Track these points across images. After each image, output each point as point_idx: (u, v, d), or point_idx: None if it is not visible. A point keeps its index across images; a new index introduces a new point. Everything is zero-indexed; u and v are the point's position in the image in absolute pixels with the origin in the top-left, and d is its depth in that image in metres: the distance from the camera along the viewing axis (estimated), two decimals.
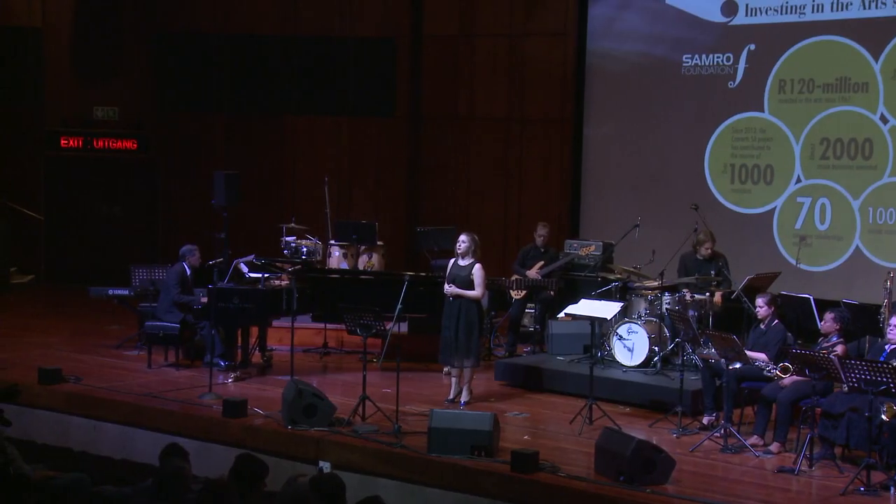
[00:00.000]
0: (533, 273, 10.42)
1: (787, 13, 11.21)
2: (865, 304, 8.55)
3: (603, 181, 12.73)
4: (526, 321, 10.82)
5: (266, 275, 9.49)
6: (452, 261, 8.50)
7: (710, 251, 9.41)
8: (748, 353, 7.53)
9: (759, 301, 7.83)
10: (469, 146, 13.72)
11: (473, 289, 8.35)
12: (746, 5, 11.44)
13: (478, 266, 8.39)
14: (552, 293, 10.35)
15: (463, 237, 8.44)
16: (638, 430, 7.79)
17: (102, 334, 11.03)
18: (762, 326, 7.89)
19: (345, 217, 12.54)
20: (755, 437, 7.49)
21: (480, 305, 8.48)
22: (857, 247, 10.87)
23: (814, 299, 8.81)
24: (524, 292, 10.40)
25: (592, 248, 10.84)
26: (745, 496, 6.39)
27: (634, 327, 9.20)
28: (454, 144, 13.81)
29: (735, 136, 11.71)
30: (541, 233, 10.56)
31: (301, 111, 14.08)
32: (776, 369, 7.42)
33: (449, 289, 8.37)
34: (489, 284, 9.70)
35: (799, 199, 11.28)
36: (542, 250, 10.60)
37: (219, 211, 10.18)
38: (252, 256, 9.80)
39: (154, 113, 14.47)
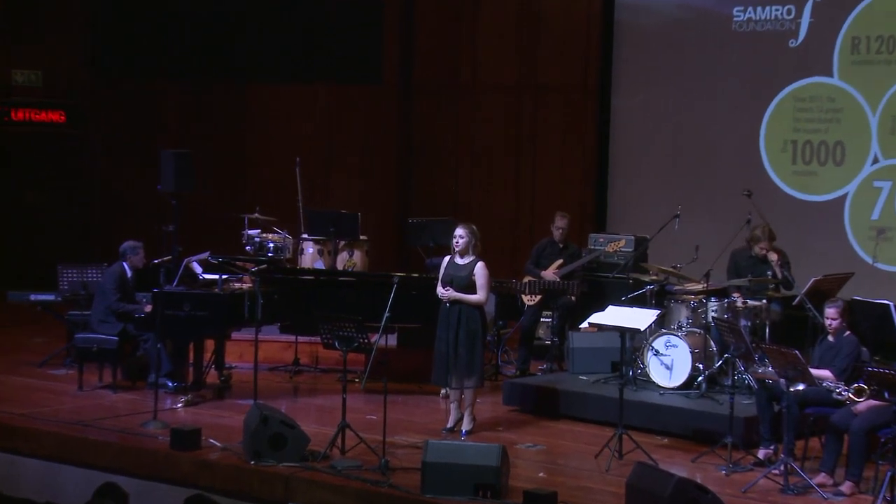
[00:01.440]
0: (549, 274, 10.43)
1: None
2: None
3: (635, 162, 12.73)
4: (541, 332, 10.89)
5: (224, 276, 9.50)
6: (447, 259, 8.55)
7: (764, 251, 9.39)
8: (813, 371, 7.50)
9: (830, 311, 7.80)
10: (471, 120, 13.74)
11: (475, 292, 8.32)
12: None
13: (480, 264, 8.39)
14: (573, 298, 10.39)
15: (460, 231, 8.45)
16: (679, 465, 7.81)
17: (23, 349, 11.05)
18: (831, 339, 7.89)
19: (321, 206, 12.54)
20: (823, 474, 7.47)
21: (483, 312, 8.49)
22: None
23: (894, 306, 8.85)
24: (539, 297, 10.42)
25: (622, 243, 10.90)
26: None
27: (674, 340, 9.20)
28: (454, 118, 13.82)
29: (798, 107, 11.71)
30: (559, 225, 10.58)
31: (268, 77, 14.09)
32: (848, 391, 7.41)
33: (445, 292, 8.37)
34: (496, 288, 9.81)
35: (876, 184, 11.27)
36: (561, 246, 10.63)
37: (167, 198, 10.18)
38: (207, 254, 9.81)
39: (87, 79, 14.45)
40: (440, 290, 8.42)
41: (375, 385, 8.25)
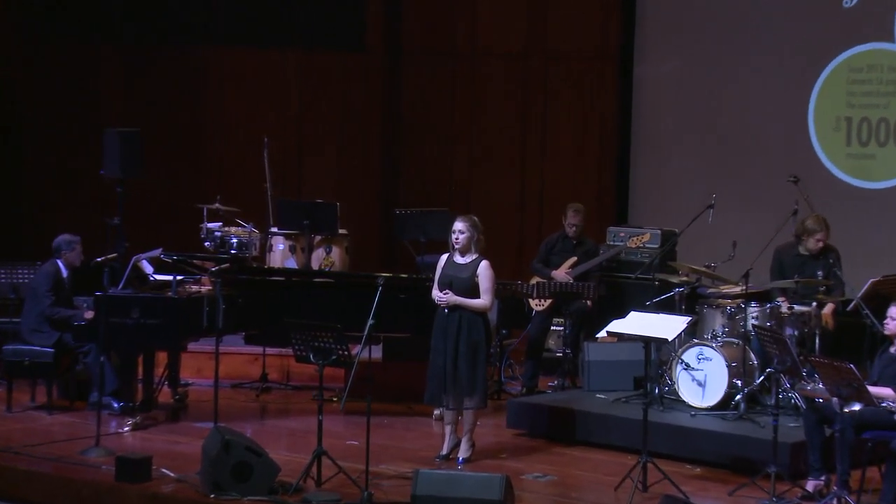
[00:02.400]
0: (561, 274, 10.45)
1: None
2: None
3: (662, 142, 12.73)
4: (552, 343, 10.94)
5: (179, 277, 9.49)
6: (445, 257, 8.57)
7: (821, 244, 9.41)
8: (871, 388, 7.50)
9: (893, 310, 7.83)
10: (470, 93, 13.71)
11: (477, 296, 8.34)
12: None
13: (484, 264, 8.41)
14: (589, 303, 10.40)
15: (460, 225, 8.47)
16: (713, 499, 7.84)
17: None
18: (892, 350, 7.89)
19: (293, 195, 12.53)
20: None
21: (487, 320, 8.50)
22: None
23: None
24: (549, 302, 10.43)
25: (647, 237, 10.88)
26: None
27: (707, 352, 9.21)
28: (449, 90, 13.80)
29: (853, 78, 11.73)
30: (573, 222, 10.57)
31: (229, 42, 13.98)
32: None
33: (443, 296, 8.37)
34: (499, 291, 9.69)
35: None
36: (575, 242, 10.64)
37: (111, 185, 10.19)
38: (159, 251, 9.80)
39: (13, 45, 14.31)
40: (436, 293, 8.41)
41: (357, 405, 8.22)
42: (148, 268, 9.83)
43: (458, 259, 8.47)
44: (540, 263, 10.61)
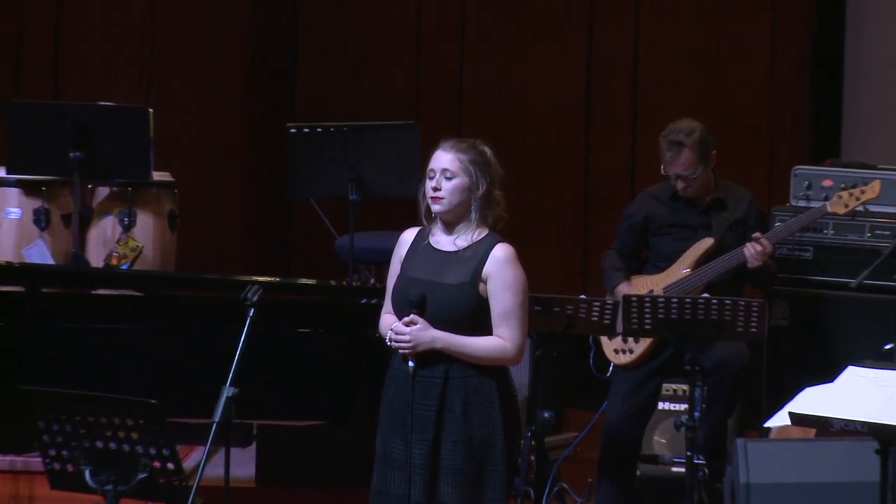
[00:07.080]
0: (680, 277, 10.79)
1: None
2: None
3: None
4: (661, 441, 11.39)
5: None
6: (410, 237, 8.82)
7: None
8: None
9: None
10: None
11: (485, 328, 8.32)
12: None
13: (503, 252, 8.45)
14: (746, 348, 10.74)
15: (446, 157, 8.68)
16: None
17: None
18: None
19: (47, 91, 12.85)
20: None
21: (510, 387, 8.61)
22: None
23: None
24: (646, 345, 10.55)
25: (875, 188, 11.23)
26: None
27: None
28: None
29: None
30: (673, 170, 10.97)
31: None
32: None
33: (406, 329, 8.39)
34: (537, 316, 9.85)
35: None
36: (709, 201, 11.11)
37: None
38: None
39: None
40: (389, 322, 8.52)
41: None
42: None
43: (441, 241, 8.66)
44: (621, 255, 11.23)
